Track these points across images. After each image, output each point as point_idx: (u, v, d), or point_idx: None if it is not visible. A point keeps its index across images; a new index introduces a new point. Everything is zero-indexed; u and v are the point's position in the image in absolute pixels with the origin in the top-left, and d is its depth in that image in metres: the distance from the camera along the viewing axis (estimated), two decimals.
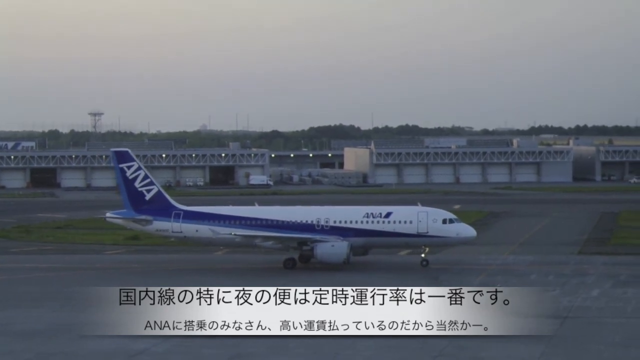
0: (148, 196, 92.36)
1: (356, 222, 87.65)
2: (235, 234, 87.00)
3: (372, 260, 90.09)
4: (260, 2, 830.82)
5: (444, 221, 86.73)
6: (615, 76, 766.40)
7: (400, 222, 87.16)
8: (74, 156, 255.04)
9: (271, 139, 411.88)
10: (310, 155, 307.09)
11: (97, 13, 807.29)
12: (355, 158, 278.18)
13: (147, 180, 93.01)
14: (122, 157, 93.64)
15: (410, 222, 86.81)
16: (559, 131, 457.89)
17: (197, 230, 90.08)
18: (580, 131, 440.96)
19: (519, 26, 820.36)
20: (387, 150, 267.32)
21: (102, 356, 52.20)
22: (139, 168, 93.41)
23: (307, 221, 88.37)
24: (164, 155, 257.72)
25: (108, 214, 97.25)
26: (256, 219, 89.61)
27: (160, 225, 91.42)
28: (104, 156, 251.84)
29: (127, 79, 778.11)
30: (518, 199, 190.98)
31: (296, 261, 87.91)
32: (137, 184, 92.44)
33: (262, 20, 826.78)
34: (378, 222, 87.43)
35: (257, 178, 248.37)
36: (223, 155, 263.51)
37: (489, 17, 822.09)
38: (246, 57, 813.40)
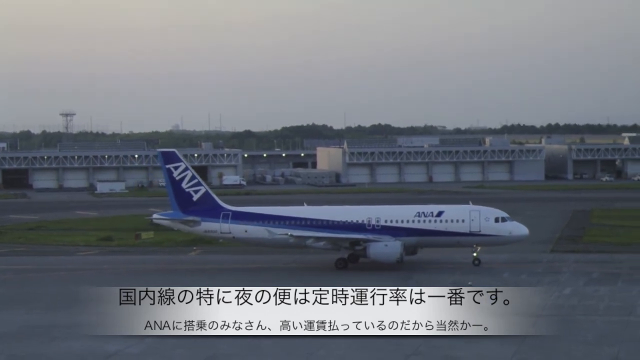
0: (196, 197, 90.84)
1: (407, 221, 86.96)
2: (291, 235, 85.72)
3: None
4: (232, 1, 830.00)
5: (497, 219, 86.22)
6: (586, 75, 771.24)
7: (452, 220, 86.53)
8: (45, 157, 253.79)
9: (244, 139, 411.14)
10: (283, 155, 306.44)
11: (67, 10, 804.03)
12: (328, 157, 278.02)
13: (195, 181, 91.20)
14: (169, 157, 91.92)
15: (463, 220, 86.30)
16: (531, 130, 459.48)
17: (246, 231, 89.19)
18: (552, 130, 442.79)
19: (491, 26, 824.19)
20: (359, 150, 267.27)
21: (75, 357, 51.99)
22: (186, 169, 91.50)
23: (357, 221, 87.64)
24: (136, 156, 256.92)
25: (155, 215, 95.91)
26: (307, 219, 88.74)
27: (209, 226, 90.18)
28: (75, 157, 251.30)
29: (99, 78, 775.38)
30: (491, 197, 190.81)
31: (347, 261, 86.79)
32: (184, 185, 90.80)
33: (234, 20, 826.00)
34: (430, 221, 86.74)
35: (230, 178, 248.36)
36: (196, 155, 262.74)
37: (461, 17, 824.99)
38: (218, 57, 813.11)
